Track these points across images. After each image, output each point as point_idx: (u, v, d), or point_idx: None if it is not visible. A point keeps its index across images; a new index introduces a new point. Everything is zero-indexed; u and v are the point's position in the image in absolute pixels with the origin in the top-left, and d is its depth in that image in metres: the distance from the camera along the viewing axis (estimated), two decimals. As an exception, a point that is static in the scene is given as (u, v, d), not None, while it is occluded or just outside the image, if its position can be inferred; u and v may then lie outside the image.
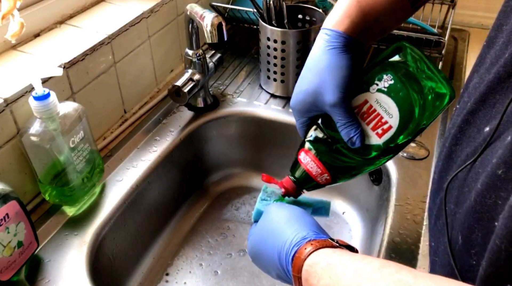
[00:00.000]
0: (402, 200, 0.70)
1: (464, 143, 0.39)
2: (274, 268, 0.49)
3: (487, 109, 0.37)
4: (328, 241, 0.45)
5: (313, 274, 0.42)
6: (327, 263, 0.41)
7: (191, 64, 0.84)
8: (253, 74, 1.01)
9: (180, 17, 0.95)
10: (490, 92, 0.36)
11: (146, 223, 0.80)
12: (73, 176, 0.67)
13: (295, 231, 0.47)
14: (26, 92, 0.64)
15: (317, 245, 0.44)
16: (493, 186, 0.32)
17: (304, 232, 0.47)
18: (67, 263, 0.62)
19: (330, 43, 0.53)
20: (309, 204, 0.59)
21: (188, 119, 0.88)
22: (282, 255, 0.47)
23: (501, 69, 0.35)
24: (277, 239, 0.48)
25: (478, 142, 0.36)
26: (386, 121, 0.50)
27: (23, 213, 0.57)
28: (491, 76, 0.36)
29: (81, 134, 0.66)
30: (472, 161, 0.35)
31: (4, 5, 0.61)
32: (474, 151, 0.36)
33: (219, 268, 0.81)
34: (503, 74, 0.35)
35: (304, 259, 0.43)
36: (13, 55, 0.71)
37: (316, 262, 0.43)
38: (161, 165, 0.80)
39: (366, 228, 0.86)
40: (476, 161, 0.35)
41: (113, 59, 0.79)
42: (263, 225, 0.53)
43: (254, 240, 0.54)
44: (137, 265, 0.80)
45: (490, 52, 0.38)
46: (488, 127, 0.35)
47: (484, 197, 0.33)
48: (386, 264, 0.37)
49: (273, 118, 0.89)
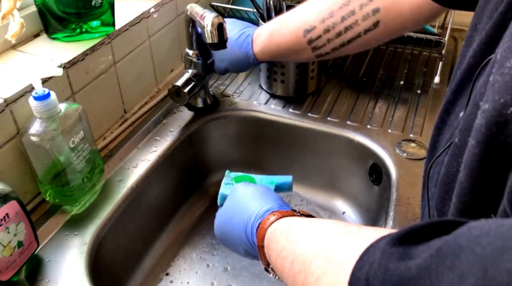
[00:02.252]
0: (402, 200, 0.70)
1: (445, 131, 0.41)
2: (242, 243, 0.52)
3: (463, 97, 0.39)
4: (290, 212, 0.48)
5: (273, 239, 0.45)
6: (285, 228, 0.45)
7: (191, 64, 0.84)
8: (253, 74, 1.01)
9: (180, 17, 0.95)
10: (464, 81, 0.39)
11: (146, 223, 0.80)
12: (73, 176, 0.67)
13: (260, 205, 0.51)
14: (26, 92, 0.64)
15: (279, 215, 0.47)
16: (453, 155, 0.34)
17: (268, 205, 0.50)
18: (67, 263, 0.62)
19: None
20: (271, 182, 0.62)
21: (188, 119, 0.88)
22: (248, 228, 0.50)
23: (471, 59, 0.38)
24: (243, 214, 0.51)
25: (454, 126, 0.39)
26: None
27: (23, 213, 0.57)
28: (464, 67, 0.39)
29: (81, 134, 0.66)
30: (448, 145, 0.37)
31: (4, 5, 0.61)
32: (451, 135, 0.38)
33: (219, 268, 0.81)
34: (473, 63, 0.38)
35: (267, 228, 0.47)
36: (13, 55, 0.71)
37: (276, 229, 0.46)
38: (161, 165, 0.80)
39: (366, 228, 0.86)
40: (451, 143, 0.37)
41: (113, 59, 0.79)
42: (229, 204, 0.56)
43: (220, 219, 0.57)
44: (137, 265, 0.80)
45: (468, 51, 0.41)
46: (462, 112, 0.38)
47: (448, 167, 0.35)
48: (337, 222, 0.41)
49: (273, 118, 0.89)
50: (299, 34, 0.71)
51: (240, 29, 0.79)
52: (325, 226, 0.41)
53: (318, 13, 0.69)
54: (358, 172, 0.85)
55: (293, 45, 0.72)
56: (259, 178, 0.64)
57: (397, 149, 0.79)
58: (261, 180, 0.63)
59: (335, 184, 0.91)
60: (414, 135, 0.82)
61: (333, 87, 0.96)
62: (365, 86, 0.96)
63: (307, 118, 0.88)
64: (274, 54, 0.76)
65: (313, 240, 0.39)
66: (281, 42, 0.74)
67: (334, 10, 0.67)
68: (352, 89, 0.95)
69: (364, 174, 0.84)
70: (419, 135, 0.82)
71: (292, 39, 0.72)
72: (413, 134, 0.82)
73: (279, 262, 0.43)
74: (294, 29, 0.71)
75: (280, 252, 0.43)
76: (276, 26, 0.75)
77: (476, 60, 0.37)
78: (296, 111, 0.90)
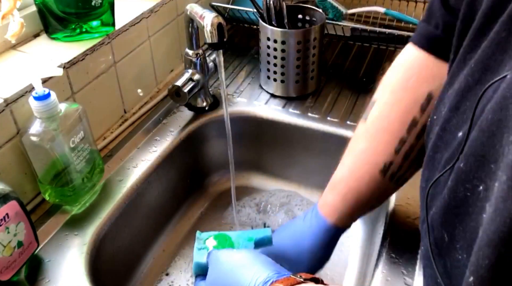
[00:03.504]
0: (402, 200, 0.70)
1: (443, 149, 0.40)
2: None
3: (459, 116, 0.38)
4: (292, 278, 0.43)
5: None
6: None
7: (191, 64, 0.84)
8: (253, 74, 1.01)
9: (180, 17, 0.95)
10: (462, 100, 0.38)
11: (146, 223, 0.80)
12: (73, 176, 0.67)
13: (254, 275, 0.44)
14: (26, 92, 0.64)
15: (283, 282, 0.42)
16: (460, 180, 0.33)
17: (264, 274, 0.44)
18: (67, 263, 0.62)
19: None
20: (249, 238, 0.55)
21: (188, 119, 0.88)
22: None
23: (469, 78, 0.37)
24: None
25: (454, 147, 0.37)
26: None
27: (23, 213, 0.57)
28: (462, 84, 0.38)
29: (81, 134, 0.66)
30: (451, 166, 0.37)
31: (4, 5, 0.61)
32: (452, 156, 0.37)
33: (219, 268, 0.81)
34: (471, 82, 0.36)
35: None
36: (13, 55, 0.71)
37: None
38: (161, 165, 0.80)
39: (366, 228, 0.86)
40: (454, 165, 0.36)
41: (113, 59, 0.79)
42: (214, 277, 0.49)
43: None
44: (137, 265, 0.80)
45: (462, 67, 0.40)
46: (460, 132, 0.37)
47: (456, 191, 0.34)
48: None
49: (273, 118, 0.89)
50: (377, 179, 0.57)
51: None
52: None
53: (387, 148, 0.56)
54: (358, 172, 0.85)
55: (375, 192, 0.58)
56: (235, 235, 0.56)
57: (397, 149, 0.79)
58: (238, 237, 0.56)
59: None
60: (414, 135, 0.82)
61: (333, 87, 0.96)
62: (365, 86, 0.96)
63: (307, 118, 0.88)
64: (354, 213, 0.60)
65: None
66: (358, 197, 0.58)
67: (404, 136, 0.54)
68: (352, 89, 0.95)
69: (364, 174, 0.84)
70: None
71: (370, 186, 0.57)
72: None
73: None
74: (371, 176, 0.57)
75: None
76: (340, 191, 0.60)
77: (474, 79, 0.36)
78: (296, 111, 0.90)
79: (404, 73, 0.55)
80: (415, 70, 0.54)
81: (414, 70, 0.54)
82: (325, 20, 0.91)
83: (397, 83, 0.55)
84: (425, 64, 0.53)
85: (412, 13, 1.09)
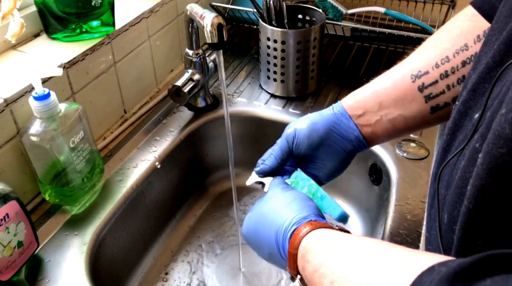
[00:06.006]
0: (402, 200, 0.70)
1: (458, 132, 0.40)
2: (268, 245, 0.50)
3: (477, 98, 0.38)
4: (328, 224, 0.46)
5: (310, 250, 0.43)
6: (324, 241, 0.43)
7: (191, 64, 0.84)
8: (253, 74, 1.01)
9: (180, 17, 0.95)
10: (480, 82, 0.38)
11: (146, 223, 0.80)
12: (73, 176, 0.67)
13: (296, 212, 0.48)
14: (26, 92, 0.64)
15: (316, 224, 0.46)
16: (472, 159, 0.34)
17: (305, 213, 0.48)
18: (67, 263, 0.62)
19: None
20: (321, 206, 0.56)
21: (188, 119, 0.88)
22: (280, 231, 0.48)
23: (489, 59, 0.37)
24: (277, 217, 0.50)
25: (469, 129, 0.38)
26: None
27: (23, 213, 0.57)
28: (482, 67, 0.38)
29: (81, 134, 0.66)
30: (463, 146, 0.37)
31: (4, 5, 0.61)
32: (465, 137, 0.37)
33: (219, 268, 0.81)
34: (491, 64, 0.37)
35: (303, 236, 0.45)
36: (13, 55, 0.71)
37: (313, 239, 0.44)
38: (161, 165, 0.80)
39: (366, 228, 0.86)
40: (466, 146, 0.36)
41: (113, 59, 0.79)
42: (266, 204, 0.54)
43: (253, 216, 0.55)
44: (137, 265, 0.80)
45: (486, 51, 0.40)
46: (477, 114, 0.37)
47: (465, 171, 0.34)
48: (381, 243, 0.39)
49: (273, 118, 0.89)
50: (405, 80, 0.55)
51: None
52: (368, 246, 0.39)
53: (427, 60, 0.55)
54: (358, 172, 0.85)
55: (398, 93, 0.56)
56: (320, 193, 0.57)
57: (397, 149, 0.79)
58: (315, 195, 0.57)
59: (335, 184, 0.90)
60: (414, 135, 0.82)
61: (333, 87, 0.96)
62: (365, 86, 0.96)
63: (307, 118, 0.88)
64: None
65: (356, 262, 0.37)
66: (383, 95, 0.57)
67: (449, 55, 0.53)
68: (352, 89, 0.95)
69: (364, 174, 0.84)
70: (419, 135, 0.82)
71: (396, 85, 0.56)
72: (413, 134, 0.82)
73: (315, 278, 0.41)
74: (399, 76, 0.57)
75: (318, 268, 0.41)
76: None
77: (495, 61, 0.36)
78: (296, 111, 0.90)
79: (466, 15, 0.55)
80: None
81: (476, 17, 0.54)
82: (325, 20, 0.91)
83: (460, 15, 0.56)
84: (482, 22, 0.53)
85: (412, 13, 1.08)
